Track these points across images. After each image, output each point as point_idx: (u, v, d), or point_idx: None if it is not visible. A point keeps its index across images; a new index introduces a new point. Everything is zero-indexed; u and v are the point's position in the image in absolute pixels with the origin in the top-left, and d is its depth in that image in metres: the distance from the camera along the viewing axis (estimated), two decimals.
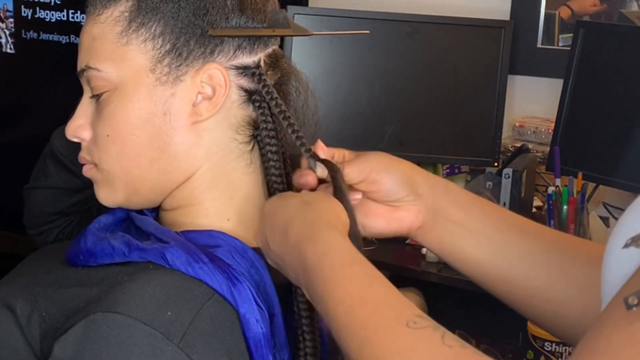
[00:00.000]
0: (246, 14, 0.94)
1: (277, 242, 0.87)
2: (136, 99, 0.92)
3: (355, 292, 0.79)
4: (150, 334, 0.81)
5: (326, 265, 0.81)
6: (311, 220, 0.85)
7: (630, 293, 0.63)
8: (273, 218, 0.88)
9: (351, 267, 0.81)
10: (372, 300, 0.78)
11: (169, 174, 0.95)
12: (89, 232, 0.95)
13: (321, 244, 0.82)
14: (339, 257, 0.82)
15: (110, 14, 0.93)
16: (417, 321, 0.75)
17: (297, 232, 0.85)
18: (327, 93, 2.21)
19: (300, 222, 0.85)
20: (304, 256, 0.83)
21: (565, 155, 2.06)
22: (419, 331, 0.74)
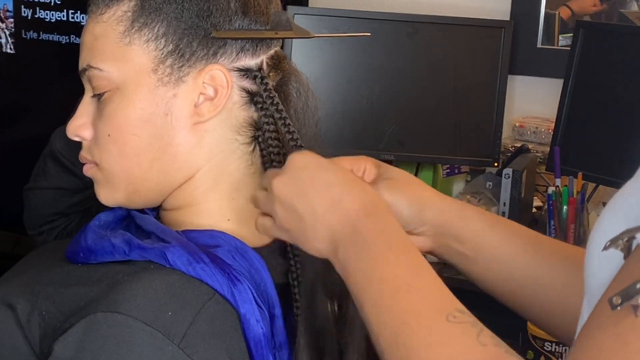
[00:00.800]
0: (249, 16, 0.94)
1: (322, 199, 0.84)
2: (138, 99, 0.92)
3: (403, 276, 0.80)
4: (151, 334, 0.81)
5: (381, 243, 0.81)
6: (371, 197, 0.85)
7: (614, 293, 0.64)
8: (321, 174, 0.86)
9: (404, 250, 0.82)
10: (418, 288, 0.79)
11: (169, 174, 0.95)
12: (89, 230, 0.95)
13: (380, 222, 0.83)
14: (396, 238, 0.82)
15: (112, 13, 0.93)
16: (456, 315, 0.76)
17: (356, 202, 0.84)
18: (327, 93, 2.21)
19: (360, 194, 0.84)
20: (358, 228, 0.82)
21: (565, 155, 2.06)
22: (457, 325, 0.75)
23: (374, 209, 0.84)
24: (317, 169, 0.87)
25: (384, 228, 0.83)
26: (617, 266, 0.68)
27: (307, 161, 0.88)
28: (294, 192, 0.86)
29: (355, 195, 0.85)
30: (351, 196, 0.85)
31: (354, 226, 0.83)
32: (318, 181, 0.86)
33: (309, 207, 0.85)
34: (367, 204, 0.84)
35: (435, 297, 0.79)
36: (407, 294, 0.78)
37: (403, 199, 0.96)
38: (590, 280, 0.76)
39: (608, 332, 0.64)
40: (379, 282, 0.79)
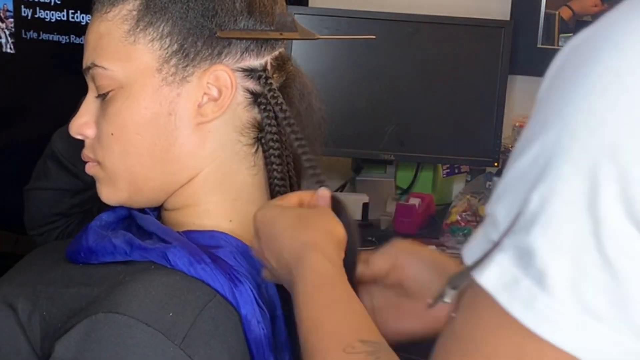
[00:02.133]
0: (254, 16, 0.94)
1: (272, 255, 0.87)
2: (142, 99, 0.92)
3: (314, 316, 0.80)
4: (152, 334, 0.81)
5: (301, 287, 0.82)
6: (301, 241, 0.85)
7: None
8: (268, 230, 0.88)
9: (319, 289, 0.82)
10: (324, 323, 0.80)
11: (172, 174, 0.95)
12: (91, 230, 0.95)
13: (303, 267, 0.83)
14: (312, 279, 0.82)
15: (118, 12, 0.93)
16: (355, 346, 0.76)
17: (289, 251, 0.85)
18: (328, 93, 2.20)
19: (290, 241, 0.85)
20: (292, 276, 0.84)
21: None
22: (351, 356, 0.76)
23: (302, 254, 0.84)
24: (268, 224, 0.88)
25: (305, 272, 0.83)
26: None
27: (262, 217, 0.88)
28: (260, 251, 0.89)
29: (291, 244, 0.85)
30: (287, 245, 0.86)
31: (291, 275, 0.84)
32: (269, 237, 0.87)
33: (270, 263, 0.87)
34: (297, 250, 0.84)
35: (338, 330, 0.79)
36: (316, 333, 0.79)
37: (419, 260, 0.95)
38: None
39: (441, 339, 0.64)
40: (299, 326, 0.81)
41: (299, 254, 0.84)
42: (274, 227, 0.87)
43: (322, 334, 0.79)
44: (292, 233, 0.86)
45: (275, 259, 0.86)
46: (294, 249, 0.85)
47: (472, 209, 2.08)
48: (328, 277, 0.83)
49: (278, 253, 0.86)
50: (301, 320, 0.80)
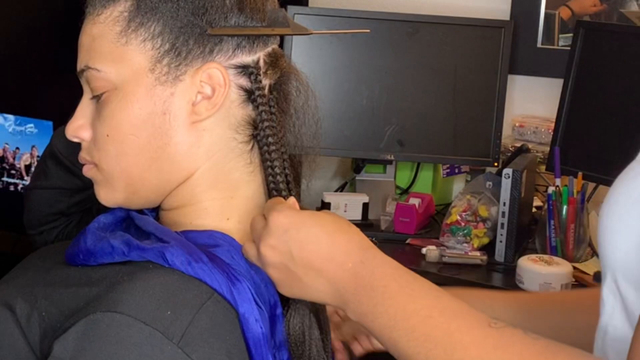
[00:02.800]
0: (245, 13, 0.94)
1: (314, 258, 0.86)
2: (136, 99, 0.92)
3: (428, 304, 0.82)
4: (150, 333, 0.81)
5: (390, 283, 0.83)
6: (357, 241, 0.86)
7: None
8: (305, 232, 0.87)
9: (414, 282, 0.84)
10: (447, 307, 0.81)
11: (168, 173, 0.95)
12: (89, 232, 0.95)
13: (377, 263, 0.84)
14: (400, 275, 0.84)
15: (109, 14, 0.93)
16: (496, 322, 0.79)
17: (346, 253, 0.86)
18: (327, 93, 2.21)
19: (348, 244, 0.86)
20: (360, 277, 0.84)
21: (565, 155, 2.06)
22: (503, 329, 0.78)
23: (364, 253, 0.86)
24: (299, 227, 0.88)
25: (384, 268, 0.84)
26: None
27: (288, 221, 0.88)
28: (284, 253, 0.87)
29: (344, 246, 0.86)
30: (340, 248, 0.86)
31: (355, 276, 0.84)
32: (305, 241, 0.87)
33: (302, 266, 0.87)
34: (357, 251, 0.86)
35: (467, 311, 0.81)
36: (441, 316, 0.80)
37: None
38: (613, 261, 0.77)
39: None
40: (407, 318, 0.81)
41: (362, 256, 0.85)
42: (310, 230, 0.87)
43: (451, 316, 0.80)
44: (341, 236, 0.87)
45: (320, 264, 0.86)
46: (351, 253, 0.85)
47: (472, 209, 2.07)
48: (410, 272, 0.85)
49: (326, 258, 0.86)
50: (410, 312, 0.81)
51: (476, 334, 0.78)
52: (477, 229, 2.05)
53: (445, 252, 2.02)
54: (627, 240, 0.78)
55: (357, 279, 0.84)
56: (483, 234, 2.05)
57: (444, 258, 2.01)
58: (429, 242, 2.10)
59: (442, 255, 2.02)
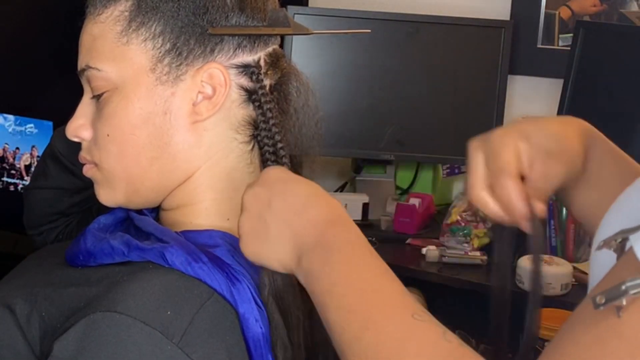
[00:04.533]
0: (246, 12, 0.94)
1: (287, 208, 0.85)
2: (136, 99, 0.92)
3: (369, 278, 0.81)
4: (150, 333, 0.81)
5: (346, 249, 0.82)
6: (338, 209, 0.86)
7: (598, 292, 0.64)
8: (291, 185, 0.87)
9: (369, 257, 0.83)
10: (384, 288, 0.80)
11: (169, 173, 0.95)
12: (89, 233, 0.95)
13: (345, 231, 0.84)
14: (361, 247, 0.83)
15: (110, 13, 0.93)
16: (421, 314, 0.77)
17: (321, 212, 0.85)
18: (328, 93, 2.22)
19: (326, 205, 0.86)
20: (324, 236, 0.83)
21: None
22: (423, 323, 0.76)
23: (338, 219, 0.85)
24: (288, 181, 0.88)
25: (348, 236, 0.84)
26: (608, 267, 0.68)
27: (280, 174, 0.89)
28: (264, 201, 0.87)
29: (322, 206, 0.86)
30: (317, 206, 0.86)
31: (320, 233, 0.84)
32: (288, 192, 0.87)
33: (275, 216, 0.86)
34: (333, 215, 0.85)
35: (400, 297, 0.80)
36: (373, 294, 0.79)
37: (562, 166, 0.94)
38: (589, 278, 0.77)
39: (588, 330, 0.65)
40: (344, 285, 0.80)
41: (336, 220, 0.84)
42: (297, 185, 0.87)
43: (382, 297, 0.79)
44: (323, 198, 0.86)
45: (291, 215, 0.85)
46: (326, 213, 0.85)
47: (472, 209, 2.08)
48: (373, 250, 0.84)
49: (299, 211, 0.85)
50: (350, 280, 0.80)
51: (395, 319, 0.77)
52: (477, 229, 2.05)
53: (445, 252, 2.02)
54: None
55: (320, 235, 0.83)
56: (483, 234, 2.05)
57: (444, 258, 2.01)
58: (429, 242, 2.10)
59: (442, 255, 2.02)
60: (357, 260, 0.82)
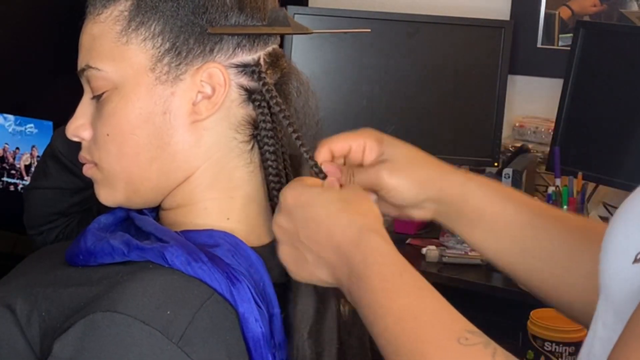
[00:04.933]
0: (245, 12, 0.94)
1: (316, 239, 0.85)
2: (136, 98, 0.92)
3: (405, 304, 0.79)
4: (150, 333, 0.81)
5: (375, 274, 0.81)
6: (358, 224, 0.84)
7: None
8: (310, 211, 0.86)
9: (401, 277, 0.81)
10: (423, 312, 0.78)
11: (168, 173, 0.95)
12: (89, 232, 0.95)
13: (370, 252, 0.82)
14: (389, 266, 0.82)
15: (110, 13, 0.93)
16: (468, 337, 0.75)
17: (343, 234, 0.84)
18: (328, 93, 2.22)
19: (346, 225, 0.85)
20: (351, 262, 0.83)
21: (565, 155, 2.06)
22: (470, 348, 0.74)
23: (360, 237, 0.84)
24: (305, 206, 0.87)
25: (375, 256, 0.82)
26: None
27: (298, 198, 0.88)
28: (292, 233, 0.87)
29: (343, 227, 0.85)
30: (339, 228, 0.85)
31: (348, 261, 0.83)
32: (309, 220, 0.86)
33: (306, 247, 0.86)
34: (355, 234, 0.84)
35: (442, 320, 0.78)
36: (414, 321, 0.78)
37: (403, 181, 0.96)
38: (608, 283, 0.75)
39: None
40: (383, 315, 0.79)
41: (359, 238, 0.83)
42: (318, 208, 0.87)
43: (422, 322, 0.77)
44: (342, 216, 0.85)
45: (321, 243, 0.85)
46: (350, 233, 0.84)
47: None
48: (403, 262, 0.83)
49: (327, 236, 0.85)
50: (384, 308, 0.79)
51: (440, 347, 0.75)
52: None
53: (445, 252, 2.02)
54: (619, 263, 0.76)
55: (350, 264, 0.83)
56: None
57: (444, 258, 2.01)
58: (429, 242, 2.10)
59: (442, 255, 2.02)
60: (387, 284, 0.80)
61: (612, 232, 0.76)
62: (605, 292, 0.77)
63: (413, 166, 0.97)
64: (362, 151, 0.97)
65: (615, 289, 0.74)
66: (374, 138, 0.97)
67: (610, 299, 0.76)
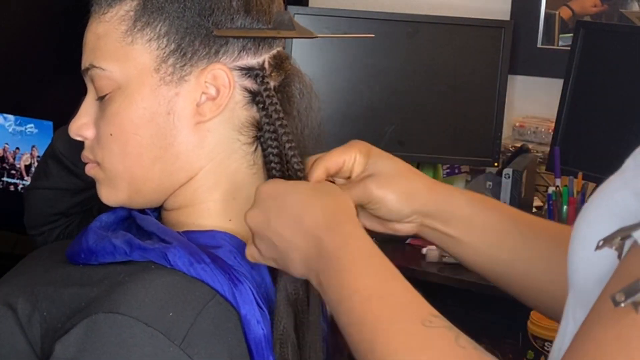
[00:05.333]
0: (251, 15, 0.94)
1: (285, 224, 0.86)
2: (140, 99, 0.92)
3: (373, 285, 0.80)
4: (152, 334, 0.81)
5: (345, 255, 0.81)
6: (331, 209, 0.85)
7: (617, 290, 0.64)
8: (282, 200, 0.87)
9: (370, 259, 0.82)
10: (390, 294, 0.79)
11: (171, 173, 0.95)
12: (90, 231, 0.95)
13: (342, 234, 0.83)
14: (359, 248, 0.82)
15: (115, 12, 0.93)
16: (432, 320, 0.76)
17: (316, 218, 0.84)
18: (328, 93, 2.22)
19: (319, 209, 0.85)
20: (322, 244, 0.83)
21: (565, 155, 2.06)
22: (434, 330, 0.75)
23: (334, 221, 0.84)
24: (279, 195, 0.88)
25: (347, 240, 0.83)
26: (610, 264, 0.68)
27: (271, 190, 0.89)
28: (263, 223, 0.87)
29: (316, 212, 0.85)
30: (311, 213, 0.85)
31: (318, 242, 0.83)
32: (281, 207, 0.87)
33: (277, 234, 0.86)
34: (328, 217, 0.85)
35: (408, 302, 0.79)
36: (379, 301, 0.78)
37: (390, 194, 0.97)
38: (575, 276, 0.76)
39: (609, 329, 0.64)
40: (349, 295, 0.79)
41: (333, 222, 0.84)
42: (287, 197, 0.87)
43: (388, 303, 0.78)
44: (319, 201, 0.86)
45: (291, 228, 0.85)
46: (323, 217, 0.84)
47: None
48: (374, 247, 0.83)
49: (297, 222, 0.85)
50: (351, 288, 0.79)
51: (405, 328, 0.76)
52: None
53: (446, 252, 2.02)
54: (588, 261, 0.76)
55: (321, 246, 0.83)
56: None
57: (444, 258, 2.01)
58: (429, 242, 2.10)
59: (442, 255, 2.02)
60: (357, 266, 0.81)
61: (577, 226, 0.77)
62: (573, 285, 0.78)
63: (399, 179, 0.98)
64: (352, 164, 0.98)
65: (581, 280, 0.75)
66: (363, 151, 0.98)
67: (577, 292, 0.76)
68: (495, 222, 0.99)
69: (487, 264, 1.00)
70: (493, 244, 0.99)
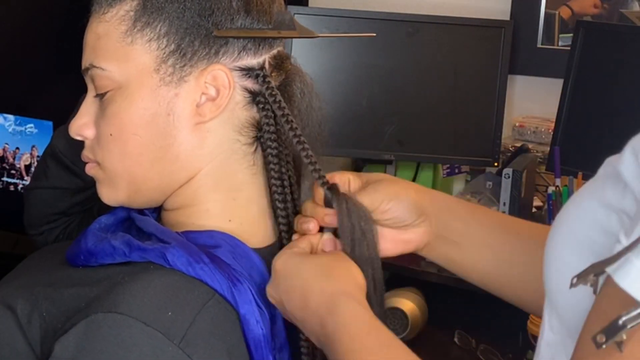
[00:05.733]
0: (252, 15, 0.94)
1: (296, 306, 0.89)
2: (140, 99, 0.92)
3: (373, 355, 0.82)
4: (151, 334, 0.81)
5: (345, 336, 0.84)
6: (330, 291, 0.87)
7: (597, 332, 0.64)
8: (290, 281, 0.89)
9: (369, 336, 0.84)
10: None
11: (171, 174, 0.95)
12: (90, 233, 0.95)
13: (341, 315, 0.85)
14: (358, 327, 0.84)
15: (115, 12, 0.93)
16: None
17: (317, 301, 0.87)
18: (327, 93, 2.21)
19: (319, 292, 0.87)
20: (326, 326, 0.85)
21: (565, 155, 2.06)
22: None
23: (332, 304, 0.86)
24: (288, 276, 0.90)
25: (346, 321, 0.85)
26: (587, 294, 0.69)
27: (281, 267, 0.91)
28: (279, 304, 0.91)
29: (316, 295, 0.87)
30: (313, 296, 0.87)
31: (323, 324, 0.86)
32: (289, 290, 0.89)
33: (292, 314, 0.90)
34: (327, 300, 0.86)
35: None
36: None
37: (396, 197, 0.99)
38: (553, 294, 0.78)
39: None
40: None
41: (331, 304, 0.86)
42: (296, 278, 0.89)
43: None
44: (319, 284, 0.88)
45: (300, 310, 0.88)
46: (323, 300, 0.87)
47: None
48: (372, 322, 0.85)
49: (303, 304, 0.88)
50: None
51: None
52: None
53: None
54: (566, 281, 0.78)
55: (325, 328, 0.85)
56: None
57: None
58: None
59: None
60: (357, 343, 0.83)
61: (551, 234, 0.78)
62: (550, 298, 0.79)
63: (405, 188, 1.01)
64: (347, 184, 0.99)
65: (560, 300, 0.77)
66: (354, 175, 1.00)
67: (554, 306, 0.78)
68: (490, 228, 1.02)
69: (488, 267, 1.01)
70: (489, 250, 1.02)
